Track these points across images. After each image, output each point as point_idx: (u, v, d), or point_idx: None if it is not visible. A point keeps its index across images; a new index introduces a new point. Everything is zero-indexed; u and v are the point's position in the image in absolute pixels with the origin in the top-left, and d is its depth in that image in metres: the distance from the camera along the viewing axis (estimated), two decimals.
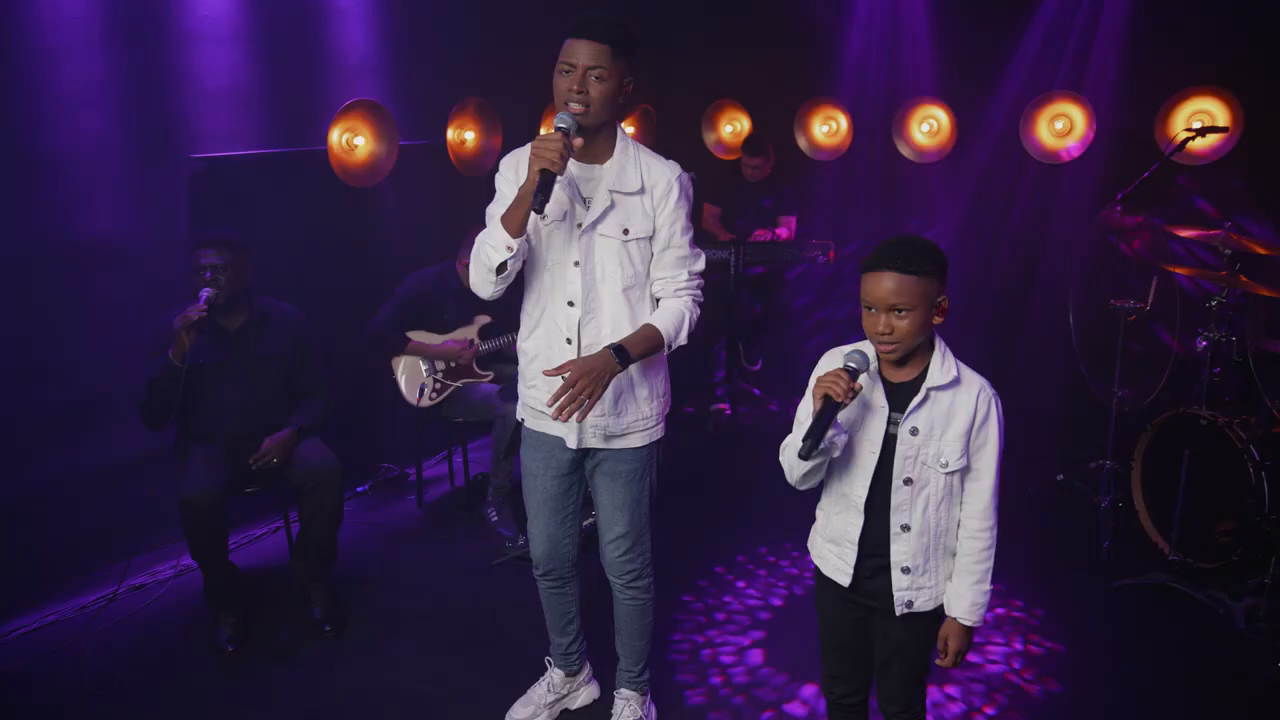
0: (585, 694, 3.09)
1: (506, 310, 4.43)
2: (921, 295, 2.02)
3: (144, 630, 3.56)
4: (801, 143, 6.53)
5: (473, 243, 4.35)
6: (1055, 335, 5.34)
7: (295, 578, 3.65)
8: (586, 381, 2.41)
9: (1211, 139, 4.67)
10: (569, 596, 2.92)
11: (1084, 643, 3.43)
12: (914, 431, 2.09)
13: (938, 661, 2.21)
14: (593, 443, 2.64)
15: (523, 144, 5.28)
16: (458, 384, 4.42)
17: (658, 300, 2.63)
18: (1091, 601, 3.72)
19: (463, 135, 5.11)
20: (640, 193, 2.53)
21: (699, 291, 2.64)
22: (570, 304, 2.55)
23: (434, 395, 4.39)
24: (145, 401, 3.40)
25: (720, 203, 5.99)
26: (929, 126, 6.04)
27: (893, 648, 2.23)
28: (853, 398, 2.04)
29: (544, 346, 2.63)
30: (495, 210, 2.58)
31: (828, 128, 6.47)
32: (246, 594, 3.60)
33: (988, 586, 2.14)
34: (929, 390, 2.08)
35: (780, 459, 2.21)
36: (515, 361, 4.45)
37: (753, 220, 5.84)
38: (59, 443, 3.61)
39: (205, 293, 3.36)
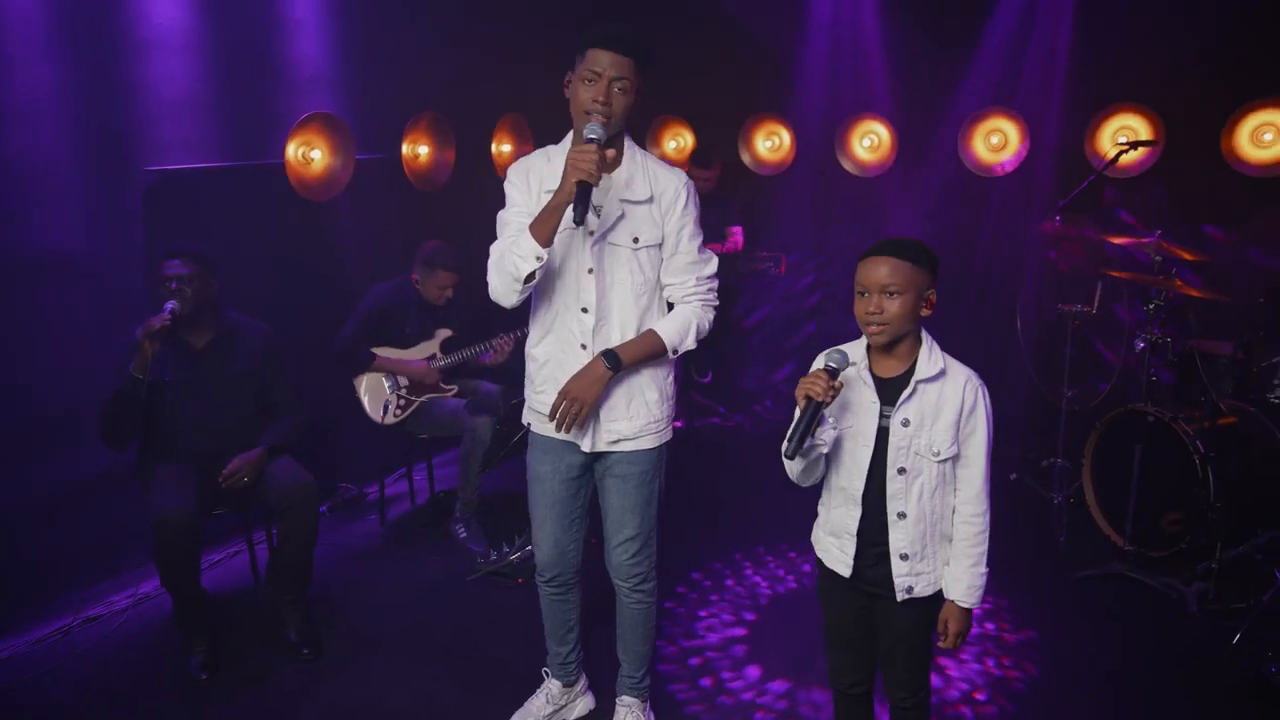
0: (582, 704, 3.07)
1: (468, 323, 4.45)
2: (912, 281, 2.12)
3: (109, 662, 3.41)
4: (745, 158, 6.67)
5: (427, 256, 4.37)
6: (1004, 340, 5.55)
7: (267, 600, 3.54)
8: (576, 392, 2.52)
9: (1137, 152, 4.96)
10: (570, 604, 2.92)
11: (1052, 632, 3.56)
12: (905, 423, 2.17)
13: (939, 644, 2.28)
14: (603, 447, 2.65)
15: (474, 157, 5.29)
16: (422, 399, 4.35)
17: (671, 305, 2.67)
18: (1054, 593, 3.87)
19: (416, 150, 5.07)
20: (649, 201, 2.56)
21: (710, 295, 2.68)
22: (585, 310, 2.57)
23: (399, 412, 4.31)
24: (106, 418, 3.26)
25: None
26: (870, 141, 6.24)
27: (896, 634, 2.30)
28: (833, 396, 2.12)
29: (555, 352, 2.64)
30: (509, 217, 2.58)
31: (771, 143, 6.62)
32: (216, 620, 3.47)
33: (984, 569, 2.23)
34: (917, 383, 2.17)
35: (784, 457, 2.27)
36: (477, 375, 4.49)
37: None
38: (8, 466, 3.43)
39: (170, 304, 3.25)
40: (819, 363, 2.20)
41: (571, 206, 2.37)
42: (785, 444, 2.10)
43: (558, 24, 5.87)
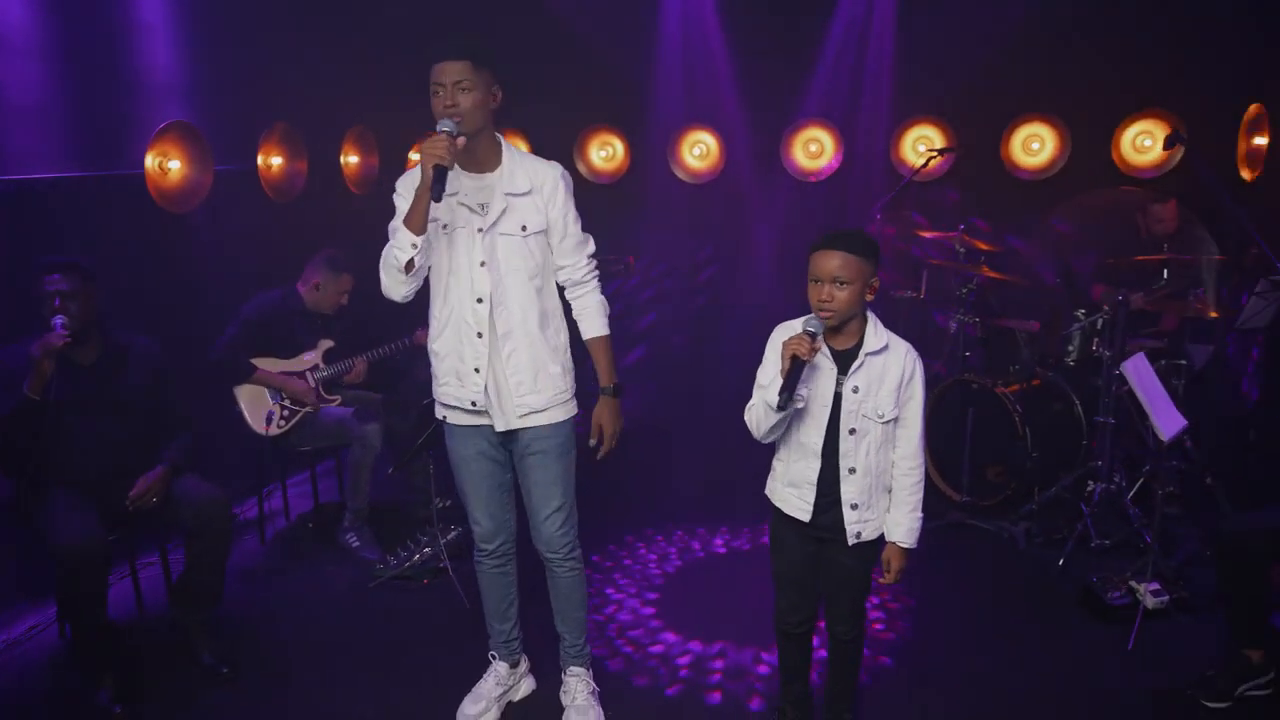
0: (525, 686, 3.23)
1: (348, 335, 4.44)
2: (859, 272, 2.45)
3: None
4: (580, 168, 6.93)
5: (318, 266, 4.36)
6: None
7: (172, 623, 3.43)
8: (609, 428, 2.94)
9: (938, 158, 5.69)
10: (510, 577, 3.09)
11: (910, 577, 4.04)
12: (855, 389, 2.52)
13: (881, 580, 2.66)
14: (519, 423, 2.84)
15: (324, 168, 5.34)
16: (307, 408, 4.29)
17: (562, 288, 2.91)
18: None
19: (270, 160, 4.97)
20: (529, 193, 2.79)
21: (596, 274, 2.95)
22: (480, 300, 2.76)
23: (283, 423, 4.24)
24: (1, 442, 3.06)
25: None
26: (699, 150, 6.70)
27: (844, 574, 2.66)
28: (813, 355, 2.43)
29: (454, 344, 2.81)
30: (397, 224, 2.73)
31: (605, 152, 6.93)
32: (123, 649, 3.29)
33: (920, 514, 2.62)
34: (865, 355, 2.52)
35: (746, 419, 2.60)
36: (355, 387, 4.48)
37: None
38: None
39: (58, 319, 3.09)
40: (786, 334, 2.48)
41: (430, 189, 2.57)
42: (778, 397, 2.39)
43: (401, 38, 5.92)
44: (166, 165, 4.20)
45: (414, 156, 6.44)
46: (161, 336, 4.00)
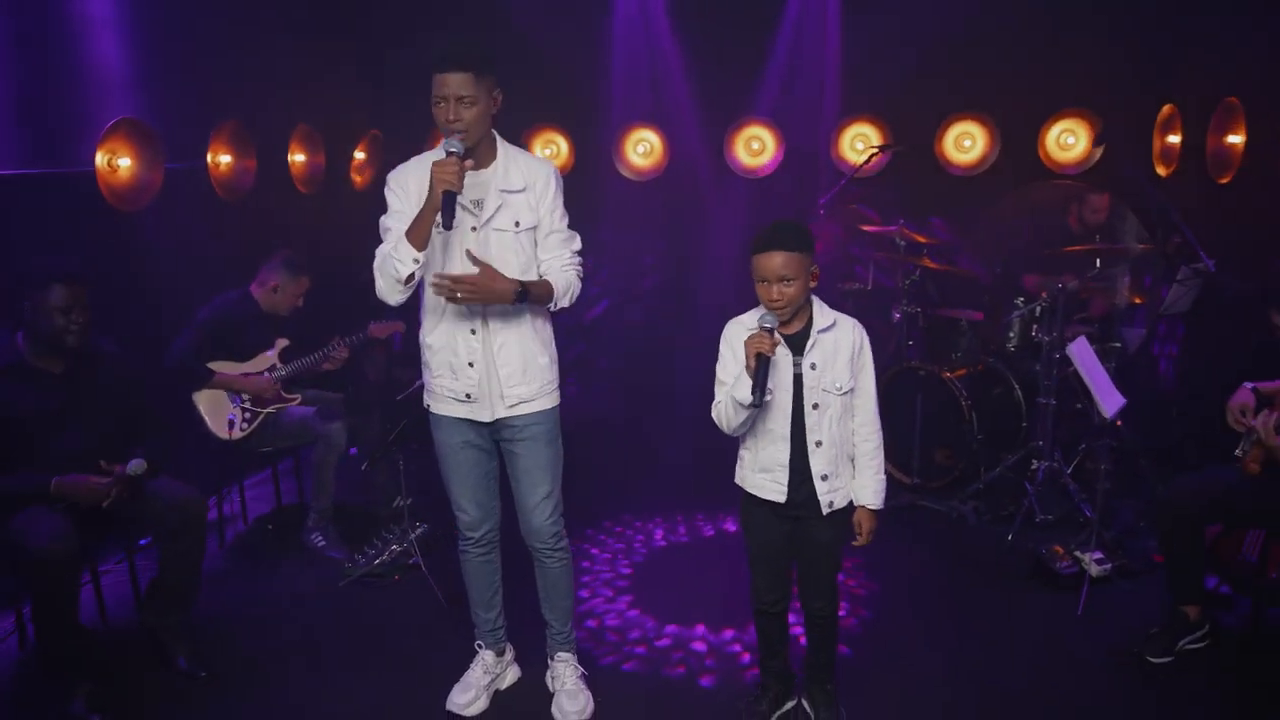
0: (511, 674, 3.27)
1: (303, 331, 4.41)
2: (801, 266, 2.59)
3: None
4: None
5: (275, 268, 4.32)
6: None
7: (147, 627, 3.37)
8: (482, 284, 2.68)
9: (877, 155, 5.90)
10: (494, 565, 3.13)
11: (869, 558, 4.20)
12: (813, 366, 2.67)
13: (854, 543, 2.80)
14: (505, 412, 2.88)
15: (272, 166, 5.29)
16: (269, 410, 4.24)
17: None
18: None
19: (218, 159, 4.89)
20: (523, 190, 2.84)
21: (580, 268, 2.98)
22: None
23: (245, 426, 4.18)
24: None
25: None
26: (643, 148, 6.80)
27: (819, 547, 2.79)
28: (775, 349, 2.56)
29: (448, 338, 2.85)
30: (390, 223, 2.78)
31: (549, 151, 6.97)
32: (96, 656, 3.22)
33: (883, 475, 2.78)
34: (817, 333, 2.67)
35: (714, 416, 2.72)
36: (317, 384, 4.44)
37: None
38: None
39: (134, 463, 3.13)
40: (739, 330, 2.62)
41: (439, 213, 2.62)
42: (751, 395, 2.51)
43: (349, 36, 5.87)
44: (116, 162, 4.10)
45: (360, 155, 6.39)
46: (114, 337, 3.93)
